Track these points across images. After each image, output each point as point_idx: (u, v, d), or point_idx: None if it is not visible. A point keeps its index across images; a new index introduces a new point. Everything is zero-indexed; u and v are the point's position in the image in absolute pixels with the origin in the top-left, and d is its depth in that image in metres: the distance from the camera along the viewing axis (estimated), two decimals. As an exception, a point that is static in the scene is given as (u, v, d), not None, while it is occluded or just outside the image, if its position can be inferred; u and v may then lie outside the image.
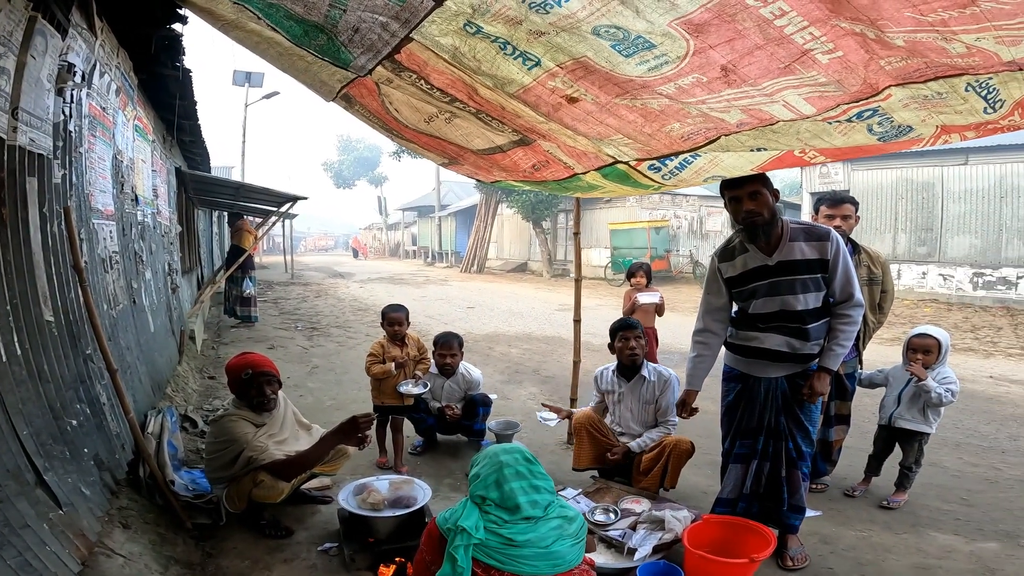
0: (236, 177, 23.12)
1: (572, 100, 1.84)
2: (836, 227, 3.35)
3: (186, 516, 2.74)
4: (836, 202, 3.42)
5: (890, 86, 1.52)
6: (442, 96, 2.13)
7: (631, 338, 3.37)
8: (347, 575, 2.56)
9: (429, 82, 2.04)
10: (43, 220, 2.41)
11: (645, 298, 5.15)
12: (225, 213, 12.94)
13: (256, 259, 11.62)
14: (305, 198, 8.91)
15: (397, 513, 2.67)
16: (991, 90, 1.52)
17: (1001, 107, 1.59)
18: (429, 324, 9.68)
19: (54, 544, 1.79)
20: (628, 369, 3.44)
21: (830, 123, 1.77)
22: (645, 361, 3.44)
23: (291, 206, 9.34)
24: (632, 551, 2.63)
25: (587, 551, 2.17)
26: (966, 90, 1.51)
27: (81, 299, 2.62)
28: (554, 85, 1.80)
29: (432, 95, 2.14)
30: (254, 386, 2.86)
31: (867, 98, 1.58)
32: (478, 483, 1.95)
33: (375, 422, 3.87)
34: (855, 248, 3.43)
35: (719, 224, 20.31)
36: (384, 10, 1.66)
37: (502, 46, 1.67)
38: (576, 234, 4.25)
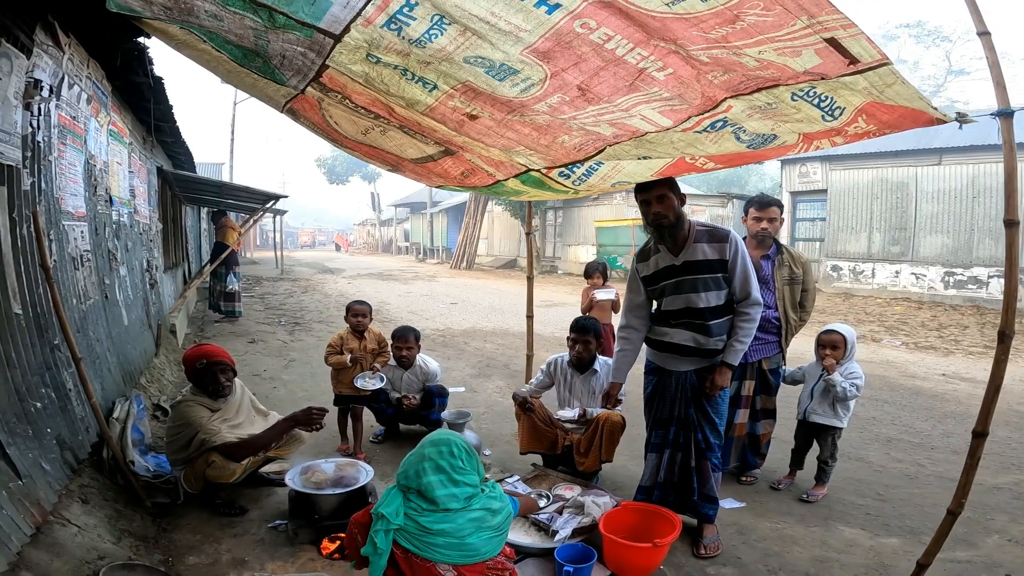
0: (225, 173, 23.27)
1: (473, 117, 2.07)
2: (763, 229, 3.59)
3: (145, 495, 2.98)
4: (763, 205, 3.63)
5: (727, 98, 1.68)
6: (367, 113, 2.36)
7: (579, 341, 3.56)
8: (291, 548, 2.77)
9: (353, 101, 2.27)
10: (13, 224, 2.63)
11: (601, 295, 5.41)
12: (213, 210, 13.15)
13: (247, 254, 11.83)
14: (285, 196, 9.14)
15: (338, 491, 2.90)
16: (823, 98, 1.62)
17: (842, 114, 1.68)
18: (411, 320, 9.90)
19: (10, 509, 2.03)
20: (578, 364, 3.66)
21: (697, 132, 1.95)
22: (596, 356, 3.64)
23: (273, 203, 9.55)
24: (555, 533, 2.81)
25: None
26: (793, 99, 1.63)
27: (49, 294, 2.84)
28: (454, 105, 2.03)
29: (359, 112, 2.37)
30: (209, 374, 3.10)
31: (712, 110, 1.74)
32: (401, 472, 2.06)
33: (337, 411, 4.14)
34: (778, 248, 3.65)
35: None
36: (298, 42, 1.89)
37: (403, 72, 1.90)
38: (528, 234, 4.49)
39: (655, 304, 3.04)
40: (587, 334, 3.56)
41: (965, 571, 2.71)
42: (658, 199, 2.71)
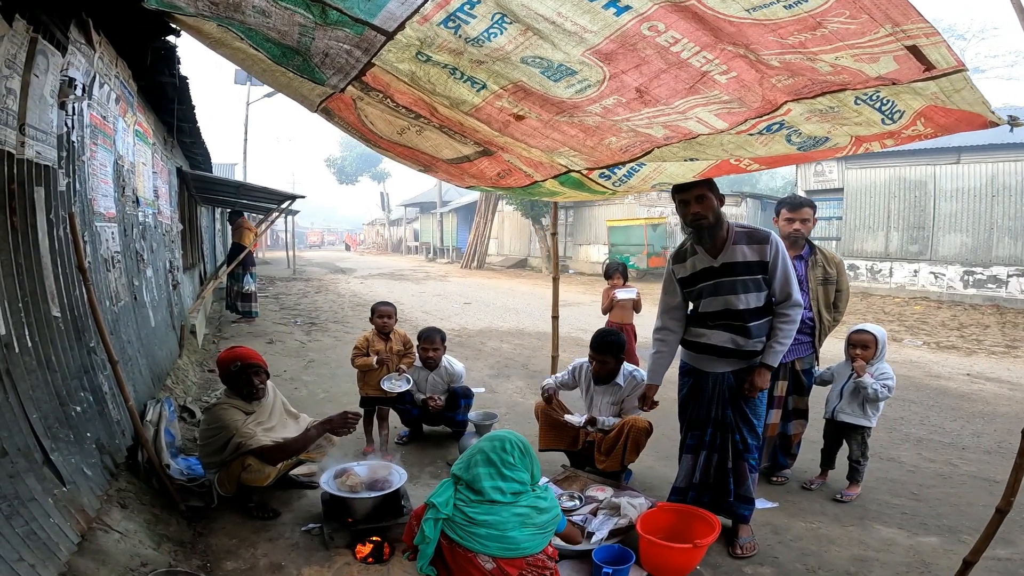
0: (239, 174, 23.41)
1: (519, 118, 2.05)
2: (795, 230, 3.55)
3: (180, 499, 2.97)
4: (796, 206, 3.60)
5: (787, 102, 1.67)
6: (408, 113, 2.33)
7: (598, 361, 3.46)
8: (326, 552, 2.75)
9: (395, 101, 2.25)
10: (50, 225, 2.63)
11: (622, 294, 5.38)
12: (228, 210, 13.23)
13: (259, 254, 11.88)
14: (303, 196, 9.14)
15: (373, 495, 2.88)
16: (884, 102, 1.62)
17: (901, 117, 1.68)
18: (425, 320, 9.89)
19: (57, 517, 2.02)
20: (596, 378, 3.58)
21: (750, 135, 1.94)
22: (622, 367, 3.53)
23: (290, 204, 9.56)
24: (591, 535, 2.79)
25: None
26: (856, 103, 1.62)
27: (85, 297, 2.84)
28: (501, 105, 2.00)
29: (399, 112, 2.35)
30: (243, 377, 3.09)
31: (770, 113, 1.73)
32: (457, 462, 2.15)
33: (363, 413, 4.13)
34: (812, 249, 3.61)
35: (716, 221, 20.41)
36: (346, 40, 1.87)
37: (452, 71, 1.88)
38: (553, 234, 4.46)
39: (691, 305, 3.00)
40: (605, 354, 3.43)
41: (1006, 568, 2.71)
42: (697, 199, 2.68)
